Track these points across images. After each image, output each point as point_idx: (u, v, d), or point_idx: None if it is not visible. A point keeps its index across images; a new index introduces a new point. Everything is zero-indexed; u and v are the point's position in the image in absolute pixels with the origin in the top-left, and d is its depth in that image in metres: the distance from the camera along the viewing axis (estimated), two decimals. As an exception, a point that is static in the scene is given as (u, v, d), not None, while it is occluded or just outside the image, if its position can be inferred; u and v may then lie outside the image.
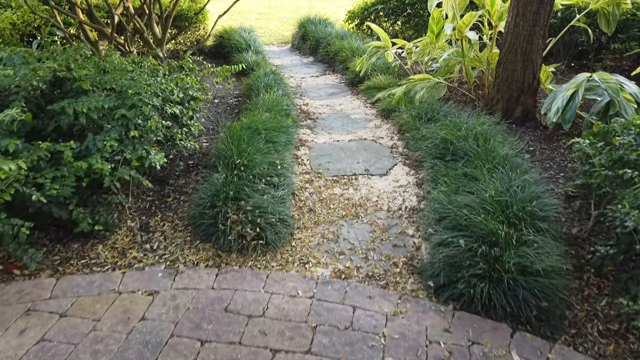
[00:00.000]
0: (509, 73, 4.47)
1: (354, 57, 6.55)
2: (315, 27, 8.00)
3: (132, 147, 2.90)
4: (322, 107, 5.47)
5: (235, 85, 6.20)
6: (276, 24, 10.60)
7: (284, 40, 9.00)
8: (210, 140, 4.43)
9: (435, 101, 4.89)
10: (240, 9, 12.32)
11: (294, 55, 7.93)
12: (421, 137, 4.00)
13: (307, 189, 3.57)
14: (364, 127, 4.83)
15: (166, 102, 3.42)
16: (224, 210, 2.86)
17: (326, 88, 6.19)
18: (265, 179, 3.28)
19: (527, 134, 4.44)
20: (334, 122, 4.98)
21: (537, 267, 2.24)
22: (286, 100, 4.95)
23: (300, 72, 6.94)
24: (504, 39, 4.48)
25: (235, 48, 7.04)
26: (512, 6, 4.31)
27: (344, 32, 7.59)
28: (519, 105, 4.55)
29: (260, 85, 5.28)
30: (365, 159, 4.06)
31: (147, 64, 3.90)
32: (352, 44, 6.88)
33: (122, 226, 3.04)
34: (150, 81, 3.35)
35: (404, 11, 7.57)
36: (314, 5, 13.38)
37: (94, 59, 3.42)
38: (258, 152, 3.57)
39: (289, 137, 4.13)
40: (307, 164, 3.98)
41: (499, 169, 3.13)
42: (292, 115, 4.73)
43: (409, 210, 3.28)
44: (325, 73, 6.89)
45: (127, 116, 2.87)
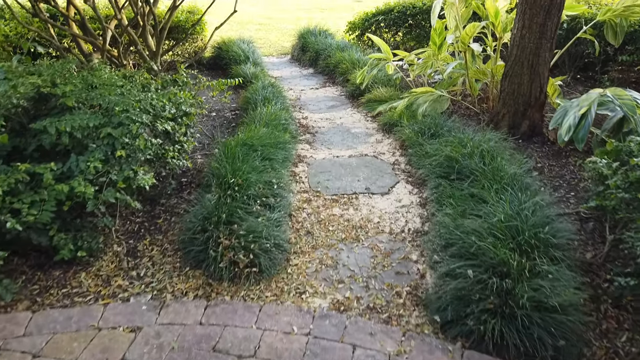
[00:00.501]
0: (515, 87, 4.31)
1: (355, 69, 6.41)
2: (315, 38, 7.87)
3: (118, 168, 2.74)
4: (321, 121, 5.31)
5: (233, 97, 6.06)
6: (276, 34, 10.50)
7: (283, 52, 8.88)
8: (206, 156, 4.27)
9: (438, 115, 4.73)
10: (240, 19, 12.24)
11: (294, 67, 7.80)
12: (424, 153, 3.83)
13: (305, 209, 3.40)
14: (365, 142, 4.67)
15: (157, 118, 3.26)
16: (216, 235, 2.68)
17: (326, 101, 6.04)
18: (260, 199, 3.10)
19: (535, 149, 4.27)
20: (334, 137, 4.81)
21: (553, 303, 2.05)
22: (284, 114, 4.80)
23: (300, 84, 6.80)
24: (509, 51, 4.33)
25: (234, 60, 6.91)
26: (517, 18, 4.16)
27: (345, 43, 7.46)
28: (526, 120, 4.38)
29: (258, 99, 5.13)
30: (366, 176, 3.89)
31: (139, 78, 3.75)
32: (352, 55, 6.74)
33: (108, 251, 2.87)
34: (140, 97, 3.19)
35: (405, 22, 7.45)
36: (314, 16, 13.30)
37: (82, 74, 3.27)
38: (254, 170, 3.40)
39: (286, 153, 3.96)
40: (305, 182, 3.81)
41: (508, 189, 2.96)
42: (290, 129, 4.57)
43: (413, 232, 3.10)
44: (325, 85, 6.74)
45: (113, 135, 2.70)
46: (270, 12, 14.34)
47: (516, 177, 3.12)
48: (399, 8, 7.38)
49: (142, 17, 4.43)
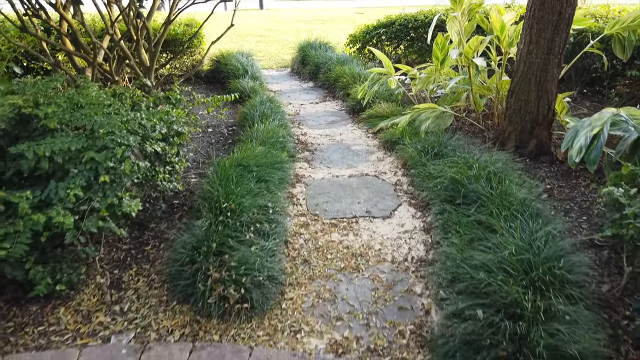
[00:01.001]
0: (521, 104, 4.14)
1: (355, 83, 6.26)
2: (315, 51, 7.75)
3: (102, 194, 2.56)
4: (321, 137, 5.15)
5: (230, 112, 5.91)
6: (276, 47, 10.39)
7: (283, 64, 8.75)
8: (200, 176, 4.10)
9: (441, 132, 4.57)
10: (240, 31, 12.17)
11: (293, 80, 7.66)
12: (428, 174, 3.66)
13: (302, 234, 3.21)
14: (366, 160, 4.50)
15: (146, 139, 3.10)
16: (205, 267, 2.50)
17: (326, 116, 5.88)
18: (254, 225, 2.92)
19: (543, 169, 4.09)
20: (334, 155, 4.64)
21: (572, 350, 1.86)
22: (282, 130, 4.63)
23: (299, 99, 6.65)
24: (515, 67, 4.17)
25: (232, 73, 6.78)
26: (524, 33, 4.01)
27: (345, 56, 7.33)
28: (533, 138, 4.21)
29: (256, 115, 4.98)
30: (367, 198, 3.71)
31: (130, 95, 3.59)
32: (353, 69, 6.60)
33: (90, 283, 2.68)
34: (129, 116, 3.03)
35: (406, 35, 7.32)
36: (315, 28, 13.23)
37: (68, 93, 3.11)
38: (248, 193, 3.23)
39: (283, 173, 3.79)
40: (303, 204, 3.63)
41: (518, 216, 2.77)
42: (288, 147, 4.40)
43: (416, 261, 2.91)
44: (325, 99, 6.60)
45: (96, 159, 2.53)
46: (271, 24, 14.27)
47: (526, 203, 2.94)
48: (401, 21, 7.25)
49: (136, 32, 4.29)
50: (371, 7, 21.00)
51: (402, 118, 4.80)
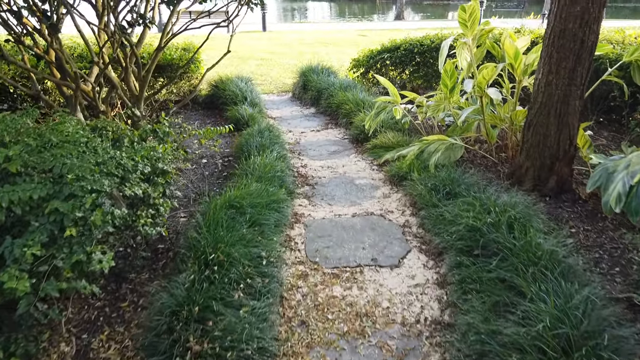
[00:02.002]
0: (540, 138, 3.81)
1: (359, 110, 5.97)
2: (317, 76, 7.48)
3: (67, 250, 2.22)
4: (322, 170, 4.81)
5: (227, 141, 5.60)
6: (277, 70, 10.17)
7: (284, 89, 8.50)
8: (190, 215, 3.76)
9: (452, 164, 4.25)
10: (241, 54, 11.99)
11: (295, 106, 7.38)
12: (440, 217, 3.30)
13: (300, 288, 2.85)
14: (371, 196, 4.15)
15: (126, 180, 2.77)
16: (184, 338, 2.13)
17: (328, 145, 5.56)
18: (244, 282, 2.56)
19: (565, 209, 3.73)
20: (336, 190, 4.30)
21: None
22: (281, 163, 4.31)
23: (300, 126, 6.35)
24: (533, 97, 3.85)
25: (230, 99, 6.50)
26: (542, 61, 3.71)
27: (348, 82, 7.05)
28: (553, 175, 3.86)
29: (253, 146, 4.66)
30: (373, 242, 3.36)
31: (113, 128, 3.28)
32: (356, 96, 6.31)
33: (53, 352, 2.32)
34: (107, 155, 2.71)
35: (412, 60, 7.06)
36: (318, 51, 13.06)
37: (40, 129, 2.80)
38: (240, 240, 2.88)
39: (280, 215, 3.44)
40: (301, 250, 3.28)
41: (547, 274, 2.41)
42: (287, 182, 4.07)
43: (430, 323, 2.53)
44: (327, 127, 6.29)
45: (61, 210, 2.20)
46: (273, 46, 14.13)
47: (555, 257, 2.57)
48: (406, 46, 7.00)
49: (125, 59, 4.01)
50: (374, 30, 20.96)
51: (410, 149, 4.48)
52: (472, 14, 4.78)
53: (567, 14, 3.45)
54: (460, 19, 4.85)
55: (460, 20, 4.88)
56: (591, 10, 3.40)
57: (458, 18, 4.88)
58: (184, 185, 4.23)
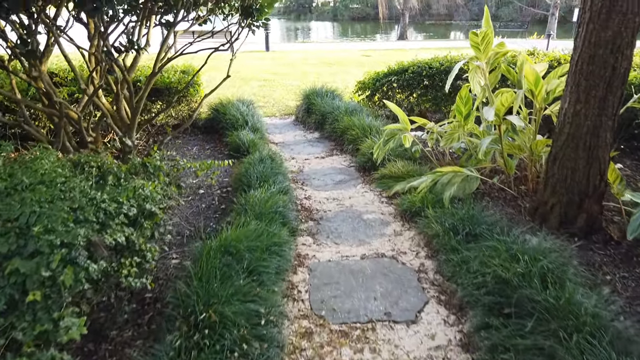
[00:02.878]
0: (567, 172, 3.48)
1: (366, 136, 5.66)
2: (321, 99, 7.20)
3: (30, 318, 1.88)
4: (327, 202, 4.48)
5: (227, 169, 5.28)
6: (280, 92, 9.93)
7: (287, 112, 8.23)
8: (183, 256, 3.42)
9: (470, 200, 3.92)
10: (244, 75, 11.79)
11: (298, 130, 7.09)
12: (461, 263, 2.95)
13: (304, 350, 2.49)
14: (381, 234, 3.81)
15: (107, 227, 2.44)
16: None
17: (333, 174, 5.24)
18: (239, 348, 2.21)
19: (596, 252, 3.38)
20: (342, 226, 3.96)
21: None
22: (283, 197, 3.97)
23: (304, 152, 6.04)
24: (558, 128, 3.54)
25: (231, 124, 6.21)
26: (569, 89, 3.40)
27: (354, 105, 6.77)
28: (582, 213, 3.52)
29: (253, 177, 4.34)
30: (385, 291, 3.00)
31: (97, 163, 2.97)
32: (362, 120, 6.02)
33: None
34: (86, 197, 2.39)
35: (420, 83, 6.79)
36: (321, 71, 12.86)
37: (13, 167, 2.49)
38: (235, 294, 2.53)
39: (282, 259, 3.10)
40: (305, 300, 2.92)
41: (595, 344, 2.04)
42: (289, 219, 3.73)
43: (456, 399, 2.16)
44: (332, 153, 5.98)
45: (23, 271, 1.86)
46: (276, 67, 13.95)
47: (600, 320, 2.21)
48: (414, 68, 6.73)
49: (116, 85, 3.72)
50: (377, 50, 20.87)
51: (421, 181, 4.15)
52: (485, 37, 4.52)
53: (597, 39, 3.15)
54: (472, 42, 4.60)
55: (472, 44, 4.62)
56: (624, 34, 3.11)
57: (470, 42, 4.62)
58: (181, 217, 3.89)
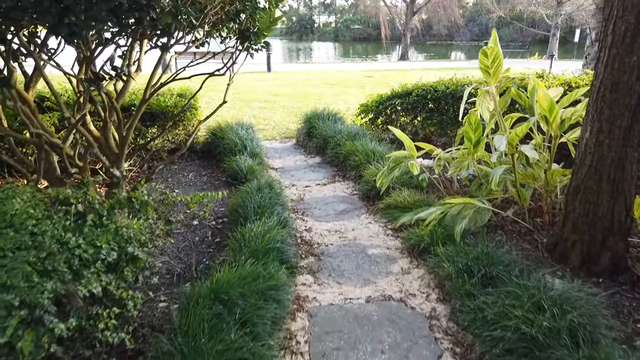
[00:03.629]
0: (590, 207, 3.21)
1: (369, 162, 5.41)
2: (322, 122, 6.99)
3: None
4: (329, 234, 4.20)
5: (223, 198, 5.02)
6: (281, 114, 9.74)
7: (288, 135, 8.01)
8: (172, 297, 3.13)
9: (481, 231, 3.66)
10: (244, 96, 11.64)
11: (298, 155, 6.85)
12: (478, 311, 2.66)
13: (303, 417, 2.18)
14: (387, 272, 3.52)
15: (81, 277, 2.17)
16: None
17: (335, 202, 4.97)
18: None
19: (624, 294, 3.08)
20: (345, 262, 3.68)
21: None
22: (281, 231, 3.70)
23: (304, 178, 5.79)
24: (578, 159, 3.28)
25: (229, 149, 5.98)
26: (590, 118, 3.15)
27: (356, 129, 6.54)
28: (606, 251, 3.23)
29: (250, 208, 4.07)
30: (393, 342, 2.70)
31: (78, 199, 2.71)
32: (366, 145, 5.78)
33: None
34: (55, 246, 2.13)
35: (425, 106, 6.57)
36: (323, 92, 12.72)
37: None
38: (226, 351, 2.24)
39: (279, 305, 2.80)
40: (305, 354, 2.62)
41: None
42: (288, 257, 3.45)
43: None
44: (334, 179, 5.72)
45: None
46: (278, 87, 13.83)
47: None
48: (418, 91, 6.53)
49: (104, 112, 3.50)
50: (379, 70, 20.85)
51: (429, 212, 3.88)
52: (495, 60, 4.30)
53: (621, 64, 2.92)
54: (482, 64, 4.37)
55: (481, 67, 4.39)
56: (650, 60, 2.88)
57: (479, 64, 4.39)
58: (166, 259, 3.61)
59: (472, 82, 6.57)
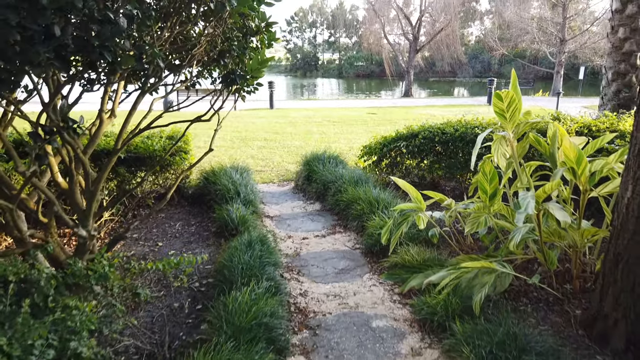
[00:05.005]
0: (636, 279, 2.70)
1: (372, 212, 4.94)
2: (323, 166, 6.56)
3: None
4: (327, 300, 3.68)
5: (212, 252, 4.53)
6: (280, 154, 9.35)
7: (286, 177, 7.58)
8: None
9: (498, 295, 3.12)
10: (244, 135, 11.32)
11: (297, 200, 6.38)
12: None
13: None
14: (394, 352, 2.98)
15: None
16: None
17: (335, 259, 4.46)
18: None
19: (684, 390, 2.52)
20: (345, 338, 3.15)
21: None
22: (270, 302, 3.18)
23: (302, 228, 5.30)
24: (619, 222, 2.79)
25: (221, 195, 5.52)
26: (631, 174, 2.69)
27: (359, 174, 6.10)
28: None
29: (237, 270, 3.57)
30: None
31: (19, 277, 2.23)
32: (369, 192, 5.32)
33: None
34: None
35: (432, 150, 6.15)
36: (325, 131, 12.39)
37: None
38: None
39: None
40: None
41: None
42: (277, 334, 2.93)
43: None
44: (334, 230, 5.23)
45: None
46: (279, 125, 13.55)
47: None
48: (425, 134, 6.12)
49: (70, 163, 3.07)
50: (382, 107, 20.67)
51: (442, 276, 3.39)
52: (511, 103, 3.89)
53: (669, 115, 2.48)
54: (497, 108, 3.96)
55: (496, 110, 3.98)
56: None
57: (494, 107, 3.98)
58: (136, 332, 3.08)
59: (482, 123, 6.17)
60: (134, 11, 1.92)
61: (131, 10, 1.89)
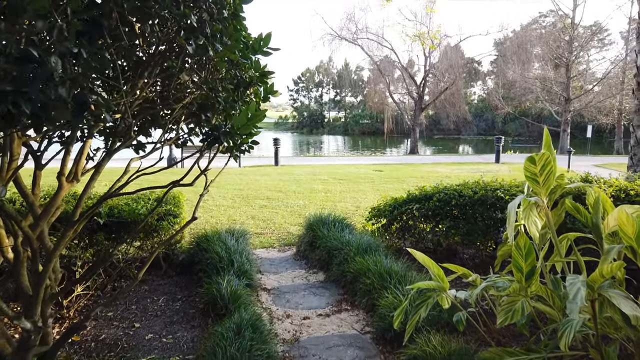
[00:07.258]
0: None
1: (384, 288, 4.28)
2: (327, 230, 5.95)
3: None
4: (332, 407, 2.96)
5: (197, 335, 3.85)
6: (283, 214, 8.77)
7: (288, 241, 6.95)
8: None
9: None
10: (246, 193, 10.83)
11: (298, 269, 5.72)
12: None
13: None
14: None
15: None
16: None
17: (341, 347, 3.76)
18: None
19: None
20: None
21: None
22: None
23: (303, 305, 4.62)
24: None
25: (212, 265, 4.90)
26: None
27: (367, 241, 5.47)
28: None
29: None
30: None
31: None
32: (379, 263, 4.68)
33: None
34: None
35: (448, 213, 5.56)
36: (331, 189, 11.88)
37: None
38: None
39: None
40: None
41: None
42: None
43: None
44: (340, 307, 4.54)
45: None
46: (283, 183, 13.08)
47: None
48: (440, 196, 5.56)
49: (16, 239, 2.50)
50: (389, 164, 20.33)
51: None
52: (545, 166, 3.36)
53: None
54: (528, 172, 3.43)
55: (527, 175, 3.44)
56: None
57: (524, 171, 3.44)
58: None
59: (503, 185, 5.63)
60: (77, 49, 1.45)
61: (70, 47, 1.41)
